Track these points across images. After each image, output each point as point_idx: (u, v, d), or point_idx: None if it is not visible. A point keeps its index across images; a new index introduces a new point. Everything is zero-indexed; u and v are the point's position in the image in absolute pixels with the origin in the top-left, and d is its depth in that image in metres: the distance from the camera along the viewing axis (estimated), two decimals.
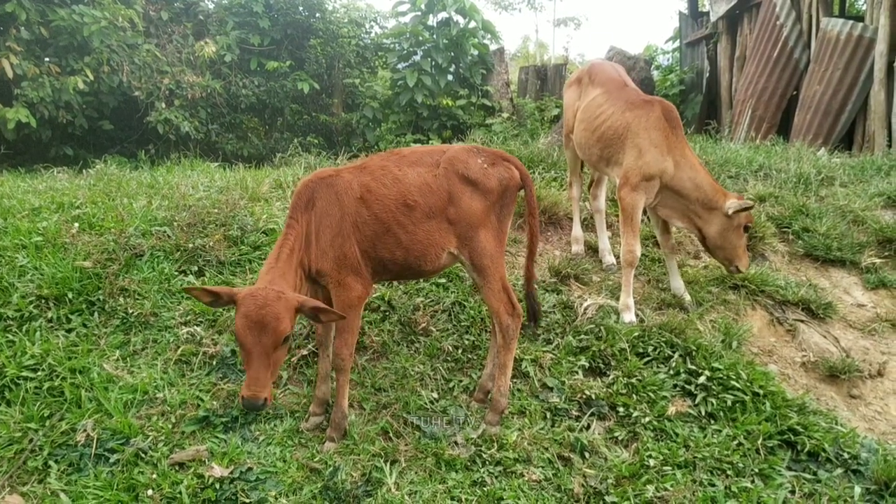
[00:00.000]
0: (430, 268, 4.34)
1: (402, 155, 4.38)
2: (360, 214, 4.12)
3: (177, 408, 4.22)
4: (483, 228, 4.28)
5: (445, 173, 4.24)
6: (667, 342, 5.10)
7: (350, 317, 4.09)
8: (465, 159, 4.30)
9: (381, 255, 4.17)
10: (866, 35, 11.40)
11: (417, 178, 4.21)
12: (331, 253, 4.08)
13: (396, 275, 4.42)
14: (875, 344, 5.76)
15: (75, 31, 10.79)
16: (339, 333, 4.16)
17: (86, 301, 4.90)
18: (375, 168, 4.25)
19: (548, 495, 3.93)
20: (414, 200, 4.16)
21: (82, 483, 3.69)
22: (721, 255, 5.69)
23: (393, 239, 4.15)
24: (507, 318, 4.34)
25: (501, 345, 4.40)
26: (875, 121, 11.28)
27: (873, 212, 7.26)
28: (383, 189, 4.15)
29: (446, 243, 4.27)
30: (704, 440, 4.36)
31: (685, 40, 17.10)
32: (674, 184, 5.53)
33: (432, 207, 4.19)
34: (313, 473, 3.92)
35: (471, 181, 4.24)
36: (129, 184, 7.06)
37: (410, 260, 4.22)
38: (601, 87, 6.10)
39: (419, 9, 14.52)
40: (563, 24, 25.00)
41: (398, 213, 4.13)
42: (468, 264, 4.35)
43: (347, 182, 4.16)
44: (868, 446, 4.45)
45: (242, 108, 13.61)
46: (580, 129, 6.07)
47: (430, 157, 4.33)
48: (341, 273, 4.10)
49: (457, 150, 4.37)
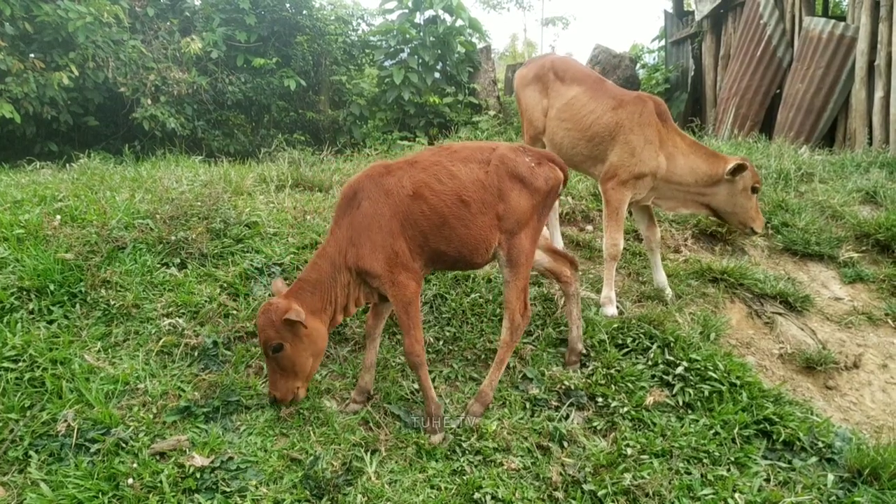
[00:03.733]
0: (480, 261, 4.45)
1: (453, 150, 4.45)
2: (412, 210, 4.18)
3: (158, 398, 4.24)
4: (525, 226, 4.40)
5: (496, 170, 4.33)
6: (646, 334, 5.16)
7: (412, 313, 4.20)
8: (515, 157, 4.40)
9: (438, 246, 4.27)
10: (848, 34, 11.52)
11: (470, 175, 4.31)
12: (381, 254, 4.16)
13: (449, 266, 4.53)
14: (851, 336, 5.84)
15: (60, 26, 10.72)
16: (406, 332, 4.21)
17: (67, 293, 4.90)
18: (428, 164, 4.32)
19: (526, 483, 3.98)
20: (469, 196, 4.25)
21: (63, 473, 3.70)
22: (735, 221, 5.77)
23: (450, 231, 4.24)
24: (519, 318, 4.45)
25: (506, 341, 4.49)
26: (856, 119, 11.41)
27: (851, 207, 7.36)
28: (439, 185, 4.24)
29: (494, 238, 4.37)
30: (681, 429, 4.42)
31: (670, 39, 17.21)
32: (669, 176, 5.59)
33: (485, 203, 4.30)
34: (294, 463, 3.94)
35: (520, 179, 4.35)
36: (113, 177, 7.07)
37: (465, 252, 4.32)
38: (578, 84, 5.96)
39: (406, 6, 14.56)
40: (551, 24, 25.07)
41: (455, 207, 4.23)
42: (504, 259, 4.43)
43: (398, 179, 4.23)
44: (842, 435, 4.52)
45: (229, 105, 13.57)
46: (562, 128, 5.92)
47: (481, 154, 4.41)
48: (394, 272, 4.17)
49: (506, 149, 4.46)
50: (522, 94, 6.33)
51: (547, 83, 6.12)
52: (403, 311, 4.19)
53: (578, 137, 5.83)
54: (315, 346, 4.14)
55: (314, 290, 4.14)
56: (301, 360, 4.08)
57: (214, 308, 4.98)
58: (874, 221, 6.94)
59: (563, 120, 5.93)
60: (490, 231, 4.33)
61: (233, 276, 5.30)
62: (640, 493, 3.91)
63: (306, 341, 4.06)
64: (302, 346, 4.05)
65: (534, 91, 6.19)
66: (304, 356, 4.09)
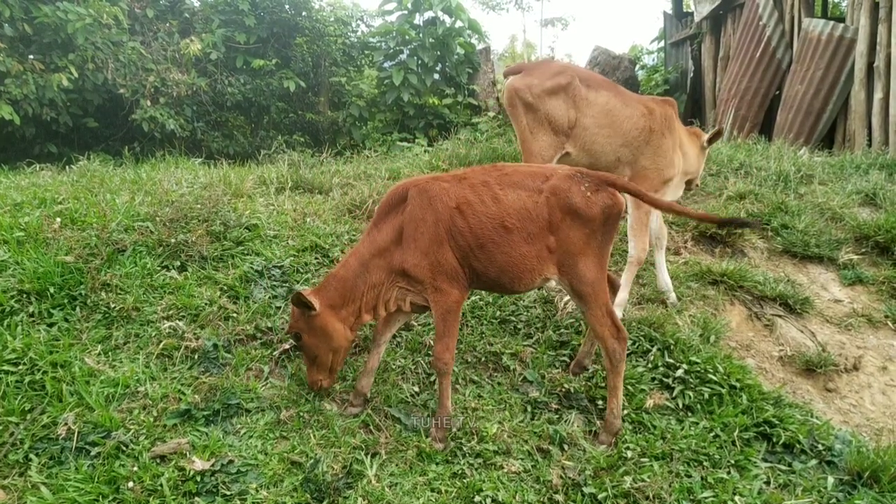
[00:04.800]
0: (522, 289, 4.37)
1: (505, 172, 4.31)
2: (455, 223, 4.14)
3: (158, 401, 4.23)
4: (583, 256, 4.20)
5: (547, 202, 4.16)
6: (645, 336, 5.16)
7: (449, 321, 4.18)
8: (569, 188, 4.16)
9: (476, 266, 4.20)
10: (847, 36, 11.54)
11: (517, 202, 4.16)
12: (426, 260, 4.15)
13: (489, 287, 4.48)
14: (851, 339, 5.85)
15: (59, 27, 10.72)
16: (440, 338, 4.20)
17: (67, 296, 4.90)
18: (476, 182, 4.23)
19: (527, 486, 3.98)
20: (512, 223, 4.13)
21: (63, 476, 3.70)
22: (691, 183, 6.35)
23: (486, 255, 4.16)
24: (613, 343, 4.29)
25: (609, 368, 4.36)
26: (855, 120, 11.42)
27: (851, 209, 7.37)
28: (481, 206, 4.15)
29: (543, 270, 4.24)
30: (682, 432, 4.42)
31: (670, 40, 17.23)
32: (686, 171, 6.02)
33: (531, 234, 4.16)
34: (294, 466, 3.95)
35: (573, 211, 4.14)
36: (112, 180, 7.06)
37: (504, 279, 4.23)
38: (606, 90, 5.96)
39: (405, 8, 14.56)
40: (551, 24, 25.00)
41: (494, 232, 4.13)
42: (569, 291, 4.34)
43: (443, 189, 4.19)
44: (842, 438, 4.53)
45: (228, 106, 13.57)
46: (602, 135, 5.86)
47: (533, 182, 4.22)
48: (437, 279, 4.16)
49: (561, 178, 4.22)
50: (548, 105, 6.00)
51: (575, 92, 5.92)
52: (441, 319, 4.18)
53: (620, 143, 5.85)
54: (330, 340, 4.29)
55: (338, 285, 4.29)
56: (318, 352, 4.31)
57: (215, 311, 4.98)
58: (874, 223, 6.95)
59: (603, 126, 5.87)
60: (537, 262, 4.20)
61: (233, 279, 5.30)
62: (640, 496, 3.92)
63: (320, 334, 4.25)
64: (316, 339, 4.27)
65: (559, 101, 5.95)
66: (321, 349, 4.30)
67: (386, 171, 8.12)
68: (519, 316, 5.45)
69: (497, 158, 8.50)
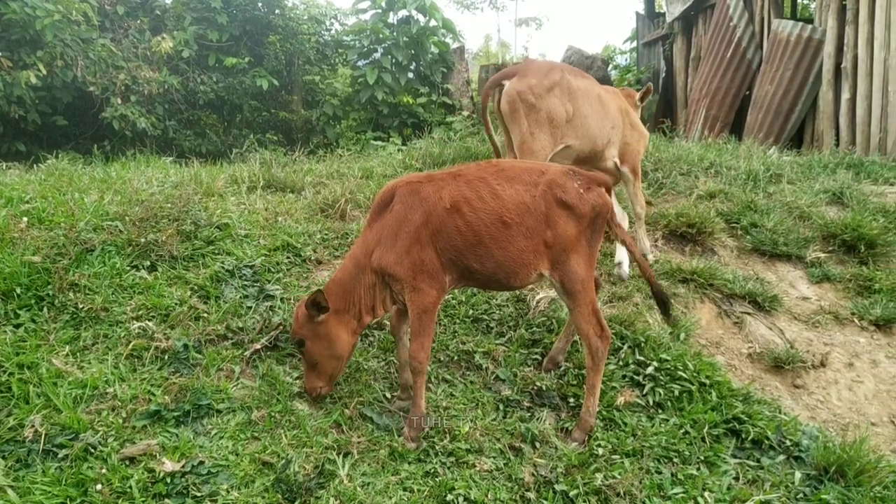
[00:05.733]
0: (517, 284, 4.37)
1: (501, 168, 4.33)
2: (446, 223, 4.12)
3: (127, 402, 4.18)
4: (575, 253, 4.25)
5: (544, 196, 4.19)
6: (617, 334, 5.20)
7: (425, 321, 4.17)
8: (564, 183, 4.23)
9: (470, 264, 4.19)
10: (815, 37, 11.72)
11: (515, 196, 4.18)
12: (407, 260, 4.14)
13: (482, 284, 4.49)
14: (818, 335, 5.94)
15: (27, 24, 10.57)
16: (416, 337, 4.20)
17: (35, 296, 4.83)
18: (472, 178, 4.23)
19: (499, 484, 3.99)
20: (511, 218, 4.15)
21: (30, 479, 3.64)
22: None
23: (485, 251, 4.16)
24: (596, 341, 4.33)
25: (590, 366, 4.38)
26: (823, 120, 11.60)
27: (818, 208, 7.48)
28: (479, 202, 4.15)
29: (539, 265, 4.27)
30: (652, 429, 4.46)
31: (642, 41, 17.38)
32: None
33: (529, 228, 4.18)
34: (265, 466, 3.92)
35: (567, 205, 4.19)
36: (81, 179, 6.97)
37: (500, 275, 4.24)
38: (585, 78, 6.38)
39: (380, 6, 14.55)
40: (525, 24, 25.15)
41: (493, 227, 4.14)
42: (559, 288, 4.36)
43: (435, 189, 4.18)
44: (809, 433, 4.60)
45: (200, 105, 13.47)
46: (597, 118, 6.21)
47: (529, 176, 4.26)
48: (417, 279, 4.15)
49: (556, 173, 4.29)
50: (546, 102, 6.15)
51: (567, 86, 6.16)
52: (417, 318, 4.18)
53: (611, 125, 6.31)
54: (334, 347, 4.30)
55: (339, 290, 4.29)
56: (320, 359, 4.31)
57: (185, 311, 4.94)
58: (840, 222, 7.05)
59: (598, 112, 6.25)
60: (533, 256, 4.23)
61: (203, 279, 5.26)
62: (611, 493, 3.94)
63: (325, 341, 4.27)
64: (320, 346, 4.28)
65: (557, 97, 6.13)
66: (324, 356, 4.31)
67: (359, 169, 8.10)
68: (491, 315, 5.47)
69: (471, 157, 8.53)
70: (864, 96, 10.78)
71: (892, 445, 4.92)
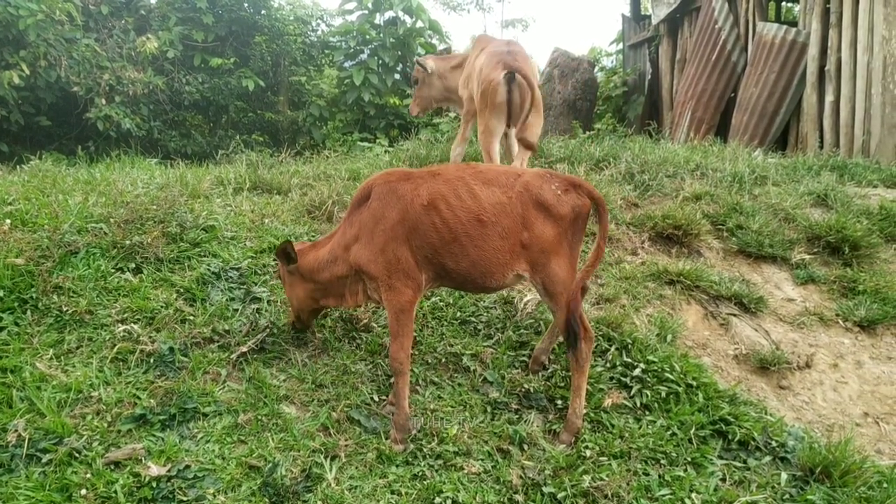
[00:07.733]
0: (493, 285, 4.38)
1: (479, 170, 4.37)
2: (423, 220, 4.14)
3: (112, 406, 4.15)
4: (556, 255, 4.27)
5: (520, 197, 4.22)
6: (604, 336, 5.20)
7: (402, 320, 4.19)
8: (540, 185, 4.26)
9: (445, 262, 4.21)
10: (799, 40, 11.80)
11: (492, 197, 4.21)
12: (382, 257, 4.17)
13: (458, 284, 4.49)
14: (804, 337, 5.97)
15: (10, 24, 10.48)
16: (394, 338, 4.21)
17: (18, 299, 4.78)
18: (451, 177, 4.26)
19: (487, 487, 3.99)
20: (487, 218, 4.17)
21: (13, 484, 3.61)
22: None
23: (460, 249, 4.17)
24: (581, 342, 4.34)
25: (575, 368, 4.39)
26: (808, 122, 11.69)
27: (803, 210, 7.52)
28: (457, 200, 4.17)
29: (515, 265, 4.27)
30: (639, 431, 4.47)
31: (628, 43, 17.43)
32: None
33: (505, 228, 4.20)
34: (252, 470, 3.90)
35: (544, 207, 4.22)
36: (65, 180, 6.91)
37: (475, 274, 4.25)
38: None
39: (366, 7, 14.53)
40: (511, 26, 25.15)
41: (469, 226, 4.15)
42: (541, 290, 4.38)
43: (413, 187, 4.21)
44: (795, 434, 4.62)
45: (186, 105, 13.40)
46: None
47: (506, 178, 4.30)
48: (392, 277, 4.17)
49: (532, 176, 4.35)
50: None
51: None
52: (394, 318, 4.20)
53: None
54: (291, 289, 4.69)
55: (312, 263, 4.54)
56: (288, 292, 4.74)
57: (170, 313, 4.91)
58: (825, 224, 7.09)
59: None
60: (509, 257, 4.24)
61: (189, 281, 5.23)
62: (598, 495, 3.95)
63: (287, 286, 4.72)
64: (285, 286, 4.75)
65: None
66: (290, 291, 4.73)
67: (346, 171, 8.07)
68: (479, 317, 5.47)
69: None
70: (848, 99, 10.87)
71: (876, 446, 4.96)
